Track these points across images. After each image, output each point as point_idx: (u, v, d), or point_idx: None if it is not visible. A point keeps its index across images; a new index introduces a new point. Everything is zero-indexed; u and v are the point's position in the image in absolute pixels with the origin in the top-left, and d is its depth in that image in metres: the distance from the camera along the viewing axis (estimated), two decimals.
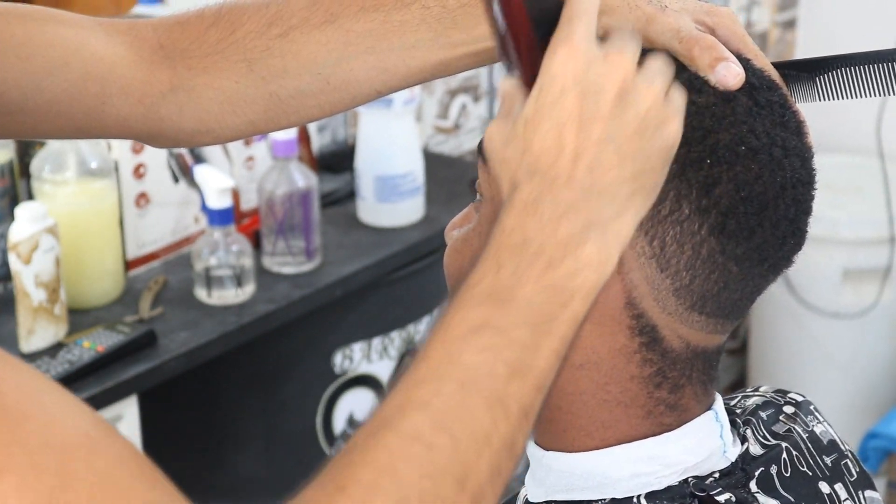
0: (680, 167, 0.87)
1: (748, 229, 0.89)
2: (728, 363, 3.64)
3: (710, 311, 0.92)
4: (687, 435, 0.94)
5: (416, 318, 2.23)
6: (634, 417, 0.94)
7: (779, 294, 3.24)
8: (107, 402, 1.81)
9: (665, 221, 0.88)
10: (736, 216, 0.89)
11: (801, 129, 0.94)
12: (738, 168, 0.88)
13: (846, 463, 1.03)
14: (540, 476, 0.97)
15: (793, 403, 1.05)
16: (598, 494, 0.94)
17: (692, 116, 0.87)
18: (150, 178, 2.07)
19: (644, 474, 0.93)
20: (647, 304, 0.91)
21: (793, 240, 0.93)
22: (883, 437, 2.86)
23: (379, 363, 2.17)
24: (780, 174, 0.90)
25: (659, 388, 0.93)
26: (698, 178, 0.88)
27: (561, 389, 0.94)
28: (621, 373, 0.93)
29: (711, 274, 0.90)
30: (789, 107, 0.94)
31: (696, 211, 0.88)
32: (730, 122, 0.89)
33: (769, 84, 0.93)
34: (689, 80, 0.89)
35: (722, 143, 0.88)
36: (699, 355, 0.94)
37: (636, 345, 0.92)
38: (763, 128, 0.90)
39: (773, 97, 0.92)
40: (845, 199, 3.28)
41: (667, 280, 0.90)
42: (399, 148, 2.24)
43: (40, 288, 1.85)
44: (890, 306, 3.22)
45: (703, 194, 0.88)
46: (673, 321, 0.92)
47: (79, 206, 1.97)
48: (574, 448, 0.95)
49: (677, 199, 0.88)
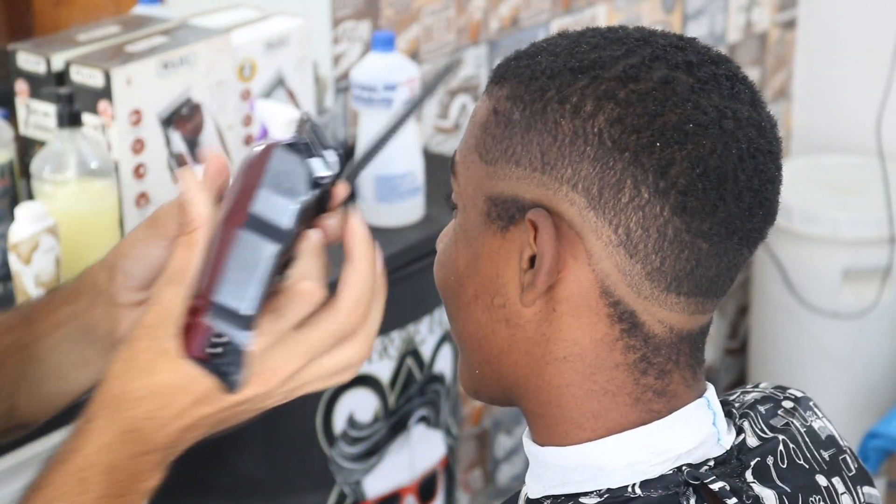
0: (632, 154, 0.89)
1: (710, 204, 0.90)
2: (728, 363, 3.64)
3: (687, 291, 0.93)
4: (678, 421, 0.95)
5: (416, 318, 2.23)
6: (623, 405, 0.94)
7: (779, 294, 3.24)
8: None
9: (626, 208, 0.90)
10: (695, 193, 0.89)
11: (756, 99, 0.94)
12: (689, 146, 0.89)
13: (844, 458, 1.03)
14: (538, 472, 0.98)
15: (792, 399, 1.05)
16: (593, 486, 0.95)
17: (634, 104, 0.89)
18: (150, 178, 2.07)
19: (637, 463, 0.94)
20: (621, 290, 0.92)
21: (760, 210, 0.93)
22: (883, 437, 2.86)
23: (379, 363, 2.17)
24: (734, 146, 0.90)
25: (645, 375, 0.94)
26: (652, 162, 0.89)
27: (548, 383, 0.95)
28: (605, 361, 0.94)
29: (681, 253, 0.91)
30: (740, 78, 0.94)
31: (656, 193, 0.89)
32: (673, 102, 0.90)
33: (714, 58, 0.94)
34: (625, 71, 0.90)
35: (669, 125, 0.89)
36: (684, 339, 0.95)
37: (617, 332, 0.93)
38: (710, 102, 0.91)
39: (719, 70, 0.93)
40: (845, 199, 3.28)
41: (637, 265, 0.91)
42: (399, 148, 2.24)
43: (40, 288, 1.85)
44: (890, 306, 3.22)
45: (660, 177, 0.89)
46: (651, 305, 0.92)
47: (79, 206, 1.97)
48: (568, 441, 0.96)
49: (635, 185, 0.89)
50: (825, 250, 3.18)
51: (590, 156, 0.90)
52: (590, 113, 0.90)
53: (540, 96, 0.92)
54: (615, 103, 0.90)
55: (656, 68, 0.91)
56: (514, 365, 0.96)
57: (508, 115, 0.93)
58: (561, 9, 2.93)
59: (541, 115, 0.91)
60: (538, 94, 0.92)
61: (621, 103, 0.90)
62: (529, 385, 0.96)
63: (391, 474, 2.25)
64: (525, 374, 0.96)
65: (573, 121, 0.90)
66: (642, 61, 0.91)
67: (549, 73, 0.92)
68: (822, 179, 3.31)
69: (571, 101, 0.91)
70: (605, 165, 0.89)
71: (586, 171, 0.90)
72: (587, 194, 0.90)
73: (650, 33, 0.95)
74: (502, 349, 0.96)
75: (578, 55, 0.93)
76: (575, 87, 0.91)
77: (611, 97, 0.90)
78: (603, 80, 0.90)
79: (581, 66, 0.92)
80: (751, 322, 3.46)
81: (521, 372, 0.96)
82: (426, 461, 2.31)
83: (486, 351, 0.97)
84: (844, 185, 3.32)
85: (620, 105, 0.90)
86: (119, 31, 2.08)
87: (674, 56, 0.92)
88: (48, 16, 2.17)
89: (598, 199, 0.90)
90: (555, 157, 0.91)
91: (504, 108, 0.94)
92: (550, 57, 0.94)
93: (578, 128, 0.90)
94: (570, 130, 0.90)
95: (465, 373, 1.01)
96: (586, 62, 0.92)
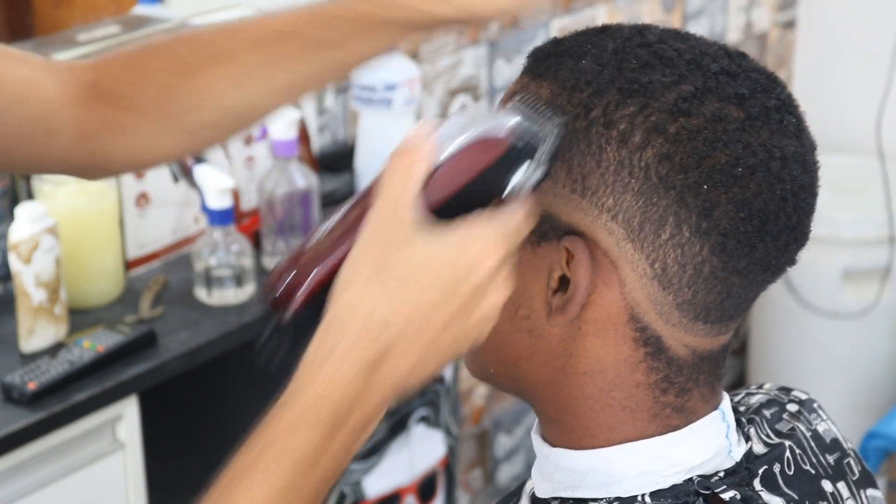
0: (678, 193, 0.87)
1: (749, 246, 0.89)
2: (728, 363, 3.63)
3: (714, 319, 0.92)
4: (693, 434, 0.94)
5: None
6: (641, 421, 0.93)
7: (779, 294, 3.24)
8: (107, 402, 1.81)
9: (666, 245, 0.88)
10: (736, 235, 0.88)
11: (801, 128, 0.92)
12: (735, 189, 0.87)
13: (849, 462, 1.03)
14: (548, 471, 0.97)
15: (796, 401, 1.05)
16: (603, 493, 0.94)
17: (684, 142, 0.87)
18: (150, 178, 2.07)
19: (649, 473, 0.93)
20: (650, 318, 0.91)
21: (796, 244, 0.92)
22: (883, 437, 2.86)
23: None
24: (779, 186, 0.89)
25: (665, 394, 0.93)
26: (697, 203, 0.87)
27: (565, 394, 0.94)
28: (627, 380, 0.92)
29: (714, 288, 0.90)
30: (787, 107, 0.92)
31: (697, 233, 0.88)
32: (723, 143, 0.87)
33: (764, 86, 0.91)
34: (677, 104, 0.88)
35: (717, 167, 0.87)
36: (705, 359, 0.94)
37: (641, 354, 0.92)
38: (758, 140, 0.89)
39: (769, 101, 0.91)
40: (845, 199, 3.28)
41: (669, 297, 0.90)
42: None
43: (40, 288, 1.85)
44: (890, 306, 3.22)
45: (703, 218, 0.87)
46: (677, 332, 0.91)
47: (79, 206, 1.97)
48: (580, 446, 0.95)
49: (677, 223, 0.88)
50: (825, 250, 3.18)
51: (634, 188, 0.88)
52: (638, 145, 0.87)
53: (584, 113, 0.89)
54: (665, 138, 0.87)
55: (708, 102, 0.88)
56: (532, 372, 0.95)
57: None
58: (561, 9, 2.93)
59: (584, 135, 0.89)
60: (582, 111, 0.89)
61: (671, 139, 0.87)
62: (546, 392, 0.95)
63: (391, 474, 2.24)
64: (543, 381, 0.95)
65: (619, 150, 0.88)
66: (694, 93, 0.88)
67: (596, 89, 0.89)
68: (822, 179, 3.29)
69: (619, 128, 0.88)
70: (648, 200, 0.87)
71: (629, 203, 0.88)
72: (627, 226, 0.88)
73: (701, 53, 0.91)
74: (522, 356, 0.95)
75: (627, 73, 0.89)
76: (623, 112, 0.88)
77: (661, 131, 0.87)
78: (653, 110, 0.88)
79: (631, 90, 0.88)
80: (751, 322, 3.46)
81: (539, 379, 0.95)
82: (426, 461, 2.31)
83: (503, 355, 0.96)
84: (844, 185, 3.32)
85: (670, 141, 0.87)
86: (119, 31, 2.08)
87: (725, 87, 0.89)
88: (48, 16, 2.16)
89: (637, 233, 0.88)
90: (596, 184, 0.88)
91: (543, 113, 0.90)
92: (597, 66, 0.90)
93: (625, 158, 0.88)
94: (615, 159, 0.88)
95: (475, 366, 0.99)
96: (636, 86, 0.89)
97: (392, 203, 0.85)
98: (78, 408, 1.78)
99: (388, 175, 0.86)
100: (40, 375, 1.77)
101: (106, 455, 1.84)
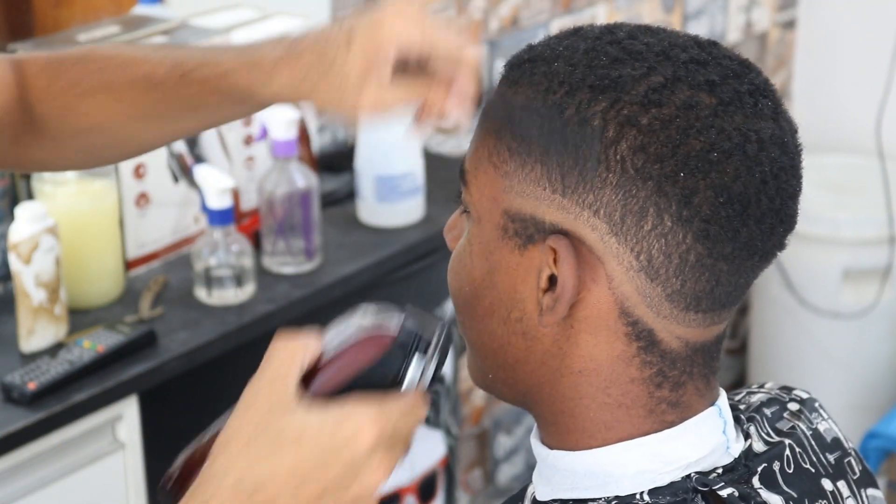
0: (656, 183, 0.88)
1: (733, 230, 0.89)
2: (728, 363, 3.64)
3: (705, 308, 0.92)
4: (689, 430, 0.94)
5: None
6: (636, 417, 0.94)
7: (779, 294, 3.24)
8: (107, 402, 1.81)
9: (649, 236, 0.89)
10: (718, 221, 0.88)
11: (778, 110, 0.92)
12: (713, 175, 0.88)
13: (849, 461, 1.03)
14: (547, 474, 0.97)
15: (797, 400, 1.05)
16: (601, 493, 0.94)
17: (658, 132, 0.88)
18: (150, 178, 2.07)
19: (647, 471, 0.94)
20: (640, 311, 0.91)
21: (782, 227, 0.92)
22: (883, 437, 2.86)
23: None
24: (758, 169, 0.89)
25: (660, 388, 0.94)
26: (675, 191, 0.88)
27: (562, 395, 0.94)
28: (621, 376, 0.93)
29: (702, 276, 0.90)
30: (762, 90, 0.92)
31: (679, 221, 0.88)
32: (696, 129, 0.88)
33: (736, 71, 0.92)
34: (647, 95, 0.88)
35: (693, 153, 0.88)
36: (699, 351, 0.94)
37: (634, 349, 0.92)
38: (732, 125, 0.89)
39: (741, 86, 0.91)
40: (845, 199, 3.28)
41: (658, 288, 0.90)
42: (399, 148, 2.24)
43: (40, 288, 1.85)
44: (890, 306, 3.22)
45: (683, 206, 0.88)
46: (669, 323, 0.92)
47: (79, 206, 1.97)
48: (578, 447, 0.95)
49: (658, 213, 0.88)
50: (825, 250, 3.18)
51: (612, 182, 0.88)
52: (612, 139, 0.88)
53: (559, 113, 0.90)
54: (637, 130, 0.88)
55: (678, 90, 0.89)
56: (529, 374, 0.95)
57: (525, 128, 0.92)
58: (561, 9, 2.93)
59: (560, 136, 0.90)
60: (556, 111, 0.90)
61: (644, 130, 0.88)
62: (543, 394, 0.96)
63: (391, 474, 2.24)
64: (539, 383, 0.95)
65: (594, 146, 0.89)
66: (664, 83, 0.89)
67: (568, 89, 0.90)
68: (822, 179, 3.30)
69: (592, 125, 0.89)
70: (627, 193, 0.88)
71: (608, 197, 0.89)
72: (609, 220, 0.89)
73: (670, 45, 0.92)
74: (517, 359, 0.95)
75: (598, 70, 0.90)
76: (595, 108, 0.89)
77: (633, 124, 0.88)
78: (625, 103, 0.88)
79: (601, 85, 0.89)
80: (751, 322, 3.46)
81: (536, 381, 0.95)
82: (426, 461, 2.31)
83: (500, 359, 0.96)
84: (844, 185, 3.32)
85: (643, 132, 0.88)
86: (119, 31, 2.08)
87: (695, 74, 0.90)
88: (48, 16, 2.16)
89: (620, 226, 0.89)
90: (576, 182, 0.89)
91: (519, 118, 0.92)
92: (568, 66, 0.91)
93: (601, 153, 0.88)
94: (591, 155, 0.89)
95: (476, 372, 1.00)
96: (607, 81, 0.89)
97: (272, 375, 0.89)
98: (78, 408, 1.78)
99: (268, 356, 0.90)
100: (40, 375, 1.77)
101: (106, 455, 1.84)
